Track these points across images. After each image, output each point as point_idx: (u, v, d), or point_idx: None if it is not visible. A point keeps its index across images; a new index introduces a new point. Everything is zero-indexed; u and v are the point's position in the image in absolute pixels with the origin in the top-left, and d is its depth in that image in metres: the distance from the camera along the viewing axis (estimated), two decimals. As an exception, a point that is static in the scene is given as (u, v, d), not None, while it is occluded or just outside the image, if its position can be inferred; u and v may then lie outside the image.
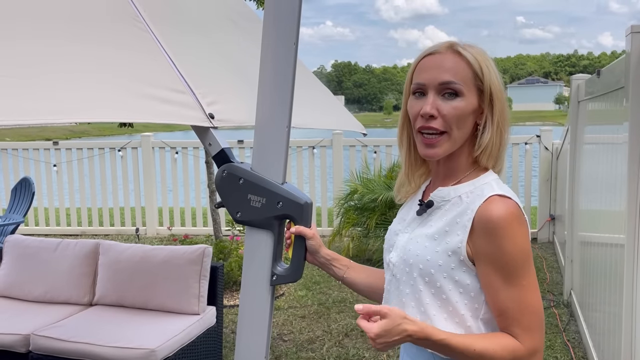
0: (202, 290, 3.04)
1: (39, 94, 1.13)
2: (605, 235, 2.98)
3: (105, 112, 1.22)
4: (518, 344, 1.06)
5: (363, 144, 6.57)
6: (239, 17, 1.98)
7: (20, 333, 2.85)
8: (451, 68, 1.10)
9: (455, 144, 1.12)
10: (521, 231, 1.06)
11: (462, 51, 1.11)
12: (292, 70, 1.21)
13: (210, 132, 1.31)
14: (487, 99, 1.11)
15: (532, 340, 1.06)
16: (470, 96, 1.11)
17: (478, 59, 1.11)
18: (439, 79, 1.10)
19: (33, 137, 25.49)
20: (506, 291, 1.06)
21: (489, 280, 1.07)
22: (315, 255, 1.31)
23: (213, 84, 1.45)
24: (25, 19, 1.23)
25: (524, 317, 1.06)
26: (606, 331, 2.79)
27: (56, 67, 1.19)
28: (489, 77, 1.11)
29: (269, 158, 1.24)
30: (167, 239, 6.49)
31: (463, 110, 1.10)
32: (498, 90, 1.12)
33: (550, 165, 6.23)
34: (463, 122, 1.11)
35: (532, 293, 1.07)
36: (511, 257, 1.05)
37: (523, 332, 1.06)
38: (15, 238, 3.47)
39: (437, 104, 1.10)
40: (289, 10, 1.18)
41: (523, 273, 1.06)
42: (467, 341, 1.05)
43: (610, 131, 2.83)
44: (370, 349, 3.57)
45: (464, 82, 1.10)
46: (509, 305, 1.06)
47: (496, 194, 1.08)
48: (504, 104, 1.13)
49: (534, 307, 1.07)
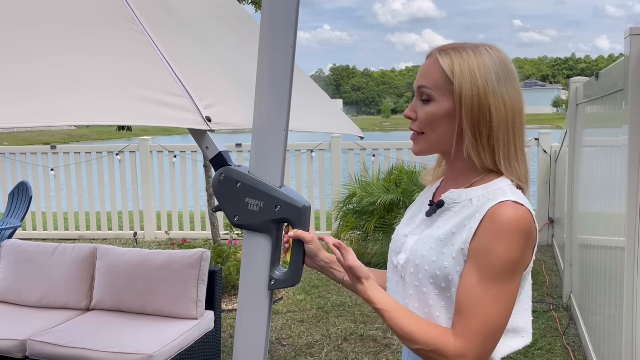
0: (200, 294, 3.02)
1: (34, 97, 1.12)
2: (605, 238, 2.98)
3: (102, 116, 1.21)
4: (450, 341, 1.03)
5: (362, 147, 6.56)
6: (235, 20, 1.97)
7: (17, 339, 2.83)
8: (425, 73, 1.14)
9: (433, 144, 1.16)
10: (521, 242, 1.04)
11: (440, 55, 1.13)
12: (290, 73, 1.20)
13: (208, 135, 1.29)
14: (458, 105, 1.10)
15: (466, 346, 1.02)
16: (442, 101, 1.12)
17: (455, 62, 1.10)
18: (417, 84, 1.16)
19: (31, 142, 25.46)
20: (473, 288, 1.03)
21: (467, 272, 1.06)
22: (315, 259, 1.30)
23: (210, 87, 1.44)
24: (20, 22, 1.22)
25: (473, 320, 1.02)
26: (606, 335, 2.78)
27: (52, 69, 1.18)
28: (460, 82, 1.09)
29: (267, 161, 1.23)
30: (165, 243, 6.46)
31: (433, 114, 1.13)
32: (469, 97, 1.09)
33: (549, 168, 6.23)
34: (436, 126, 1.13)
35: (497, 305, 1.03)
36: (497, 260, 1.03)
37: (463, 333, 1.02)
38: (13, 242, 3.45)
39: (416, 107, 1.16)
40: (287, 13, 1.17)
41: (500, 282, 1.03)
42: (401, 319, 1.08)
43: (610, 134, 2.82)
44: (369, 353, 3.55)
45: (436, 86, 1.12)
46: (467, 302, 1.03)
47: (510, 200, 1.06)
48: (481, 107, 1.09)
49: (490, 319, 1.02)
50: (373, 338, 3.78)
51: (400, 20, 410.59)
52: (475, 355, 1.02)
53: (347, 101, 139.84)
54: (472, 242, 1.07)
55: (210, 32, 1.69)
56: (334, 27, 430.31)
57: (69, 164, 6.81)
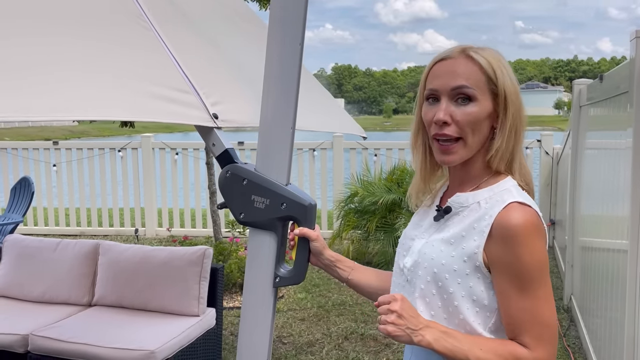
0: (202, 291, 3.02)
1: (43, 91, 1.12)
2: (607, 240, 2.97)
3: (110, 111, 1.21)
4: (525, 351, 1.04)
5: (363, 146, 6.56)
6: (240, 18, 1.97)
7: (18, 333, 2.83)
8: (463, 72, 1.08)
9: (471, 150, 1.11)
10: (539, 242, 1.05)
11: (474, 55, 1.09)
12: (297, 71, 1.20)
13: (214, 132, 1.30)
14: (502, 103, 1.09)
15: (540, 351, 1.04)
16: (484, 100, 1.09)
17: (491, 62, 1.09)
18: (451, 84, 1.08)
19: (32, 137, 25.47)
20: (520, 301, 1.04)
21: (503, 288, 1.06)
22: (319, 257, 1.30)
23: (217, 84, 1.44)
24: (29, 17, 1.22)
25: (534, 328, 1.04)
26: (607, 337, 2.78)
27: (61, 65, 1.18)
28: (502, 80, 1.09)
29: (273, 159, 1.23)
30: (166, 240, 6.47)
31: (477, 115, 1.08)
32: (512, 93, 1.10)
33: (550, 170, 6.23)
34: (478, 128, 1.09)
35: (546, 305, 1.05)
36: (527, 267, 1.04)
37: (532, 341, 1.04)
38: (15, 237, 3.45)
39: (450, 110, 1.09)
40: (295, 11, 1.17)
41: (538, 284, 1.04)
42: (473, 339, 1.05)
43: (613, 136, 2.82)
44: (370, 352, 3.55)
45: (477, 86, 1.08)
46: (521, 315, 1.04)
47: (516, 201, 1.06)
48: (519, 107, 1.11)
49: (547, 319, 1.05)
50: (373, 337, 3.78)
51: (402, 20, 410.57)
52: (552, 354, 1.06)
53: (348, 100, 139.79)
54: (487, 251, 1.06)
55: (217, 30, 1.69)
56: (335, 26, 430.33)
57: (71, 159, 6.81)
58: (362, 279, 1.33)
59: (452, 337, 1.04)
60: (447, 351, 1.03)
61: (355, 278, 1.32)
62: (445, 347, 1.03)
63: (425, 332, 1.03)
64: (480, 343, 1.05)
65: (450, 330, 1.07)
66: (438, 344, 1.03)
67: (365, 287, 1.33)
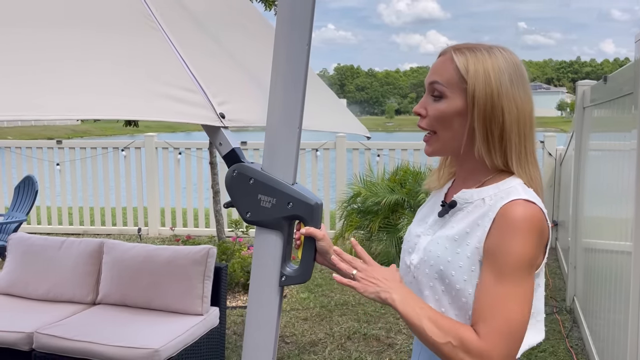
0: (206, 290, 3.03)
1: (51, 90, 1.13)
2: (610, 242, 2.98)
3: (118, 110, 1.22)
4: (474, 337, 1.01)
5: (366, 147, 6.57)
6: (247, 18, 1.98)
7: (23, 331, 2.84)
8: (438, 69, 1.14)
9: (445, 144, 1.15)
10: (536, 240, 1.04)
11: (455, 54, 1.13)
12: (304, 71, 1.20)
13: (221, 131, 1.30)
14: (470, 103, 1.11)
15: (491, 343, 1.00)
16: (454, 98, 1.11)
17: (470, 62, 1.10)
18: (428, 79, 1.16)
19: (35, 136, 25.53)
20: (491, 287, 1.03)
21: (483, 272, 1.06)
22: (326, 256, 1.30)
23: (223, 83, 1.45)
24: (35, 19, 1.23)
25: (494, 319, 1.01)
26: (610, 338, 2.78)
27: (68, 64, 1.19)
28: (473, 81, 1.09)
29: (279, 158, 1.23)
30: (169, 239, 6.48)
31: (444, 111, 1.12)
32: (483, 96, 1.09)
33: (553, 171, 6.22)
34: (447, 124, 1.13)
35: (515, 302, 1.02)
36: (511, 257, 1.03)
37: (486, 331, 1.01)
38: (20, 236, 3.47)
39: (426, 103, 1.16)
40: (302, 12, 1.18)
41: (516, 280, 1.03)
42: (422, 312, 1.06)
43: (617, 138, 2.82)
44: (372, 352, 3.56)
45: (449, 83, 1.12)
46: (487, 301, 1.03)
47: (522, 198, 1.07)
48: (494, 108, 1.09)
49: (509, 316, 1.02)
50: (376, 337, 3.79)
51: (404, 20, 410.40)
52: (499, 354, 1.01)
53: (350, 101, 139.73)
54: (485, 241, 1.07)
55: (223, 30, 1.70)
56: (338, 27, 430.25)
57: (74, 159, 6.83)
58: None
59: (415, 302, 1.08)
60: (406, 313, 1.06)
61: None
62: (405, 310, 1.06)
63: (394, 289, 1.08)
64: (437, 317, 1.06)
65: (418, 298, 1.10)
66: (402, 304, 1.06)
67: None
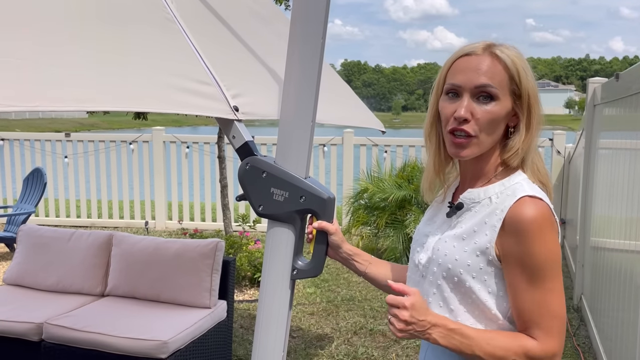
0: (214, 284, 3.05)
1: (65, 82, 1.14)
2: (619, 241, 2.96)
3: (133, 102, 1.23)
4: (534, 342, 1.05)
5: (374, 143, 6.56)
6: (262, 11, 1.98)
7: (33, 322, 2.87)
8: (488, 71, 1.09)
9: (484, 147, 1.12)
10: (551, 235, 1.05)
11: (500, 53, 1.10)
12: (318, 66, 1.20)
13: (235, 124, 1.31)
14: (525, 104, 1.10)
15: (550, 343, 1.05)
16: (505, 100, 1.10)
17: (515, 62, 1.10)
18: (475, 82, 1.09)
19: (43, 129, 25.65)
20: (529, 293, 1.05)
21: (514, 280, 1.06)
22: (337, 250, 1.31)
23: (238, 76, 1.46)
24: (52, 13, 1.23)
25: (543, 320, 1.05)
26: (618, 337, 2.77)
27: (83, 55, 1.20)
28: (525, 81, 1.10)
29: (293, 152, 1.24)
30: (175, 232, 6.51)
31: (497, 114, 1.09)
32: (534, 95, 1.11)
33: (562, 169, 6.19)
34: (495, 127, 1.10)
35: (556, 298, 1.06)
36: (539, 259, 1.04)
37: (542, 334, 1.05)
38: (30, 227, 3.49)
39: (471, 107, 1.09)
40: (317, 6, 1.18)
41: (549, 277, 1.05)
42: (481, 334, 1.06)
43: (629, 136, 2.80)
44: (379, 348, 3.57)
45: (500, 85, 1.09)
46: (530, 307, 1.05)
47: (528, 194, 1.07)
48: (539, 107, 1.13)
49: (556, 312, 1.06)
50: (382, 332, 3.80)
51: (411, 16, 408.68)
52: (560, 347, 1.07)
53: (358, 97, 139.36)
54: (498, 244, 1.07)
55: (238, 23, 1.70)
56: (345, 22, 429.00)
57: (82, 152, 6.86)
58: (379, 273, 1.34)
59: (458, 334, 1.06)
60: (454, 347, 1.06)
61: (372, 272, 1.34)
62: (452, 344, 1.06)
63: (432, 332, 1.05)
64: (488, 337, 1.06)
65: (458, 326, 1.07)
66: (445, 341, 1.06)
67: (381, 281, 1.34)
